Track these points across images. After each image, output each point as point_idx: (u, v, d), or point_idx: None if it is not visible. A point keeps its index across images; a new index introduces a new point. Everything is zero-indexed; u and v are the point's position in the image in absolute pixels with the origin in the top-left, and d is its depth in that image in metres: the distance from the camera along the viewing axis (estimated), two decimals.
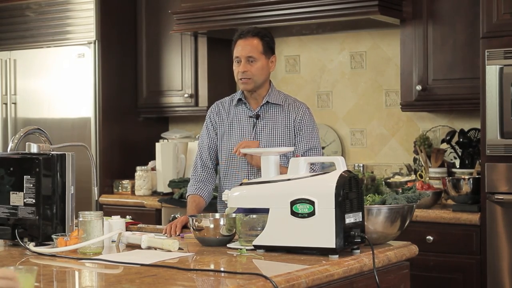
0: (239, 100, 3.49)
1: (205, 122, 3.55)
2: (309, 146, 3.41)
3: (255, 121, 3.43)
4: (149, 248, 2.76)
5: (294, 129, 3.42)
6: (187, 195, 3.49)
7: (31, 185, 2.84)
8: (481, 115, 3.90)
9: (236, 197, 2.76)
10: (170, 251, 2.68)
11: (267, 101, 3.44)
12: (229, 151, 3.43)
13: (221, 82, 5.32)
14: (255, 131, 3.42)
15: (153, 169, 5.21)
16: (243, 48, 3.42)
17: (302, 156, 3.30)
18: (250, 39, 3.42)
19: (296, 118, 3.43)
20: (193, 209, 3.35)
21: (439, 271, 4.00)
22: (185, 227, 3.17)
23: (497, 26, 3.85)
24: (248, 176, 3.35)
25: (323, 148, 4.96)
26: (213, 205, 3.63)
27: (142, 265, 2.42)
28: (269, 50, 3.44)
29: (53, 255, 2.64)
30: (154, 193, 5.18)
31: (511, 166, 3.80)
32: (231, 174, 3.43)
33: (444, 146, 4.56)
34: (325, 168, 4.09)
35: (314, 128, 3.46)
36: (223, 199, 3.39)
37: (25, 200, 2.86)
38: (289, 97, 3.53)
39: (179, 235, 3.12)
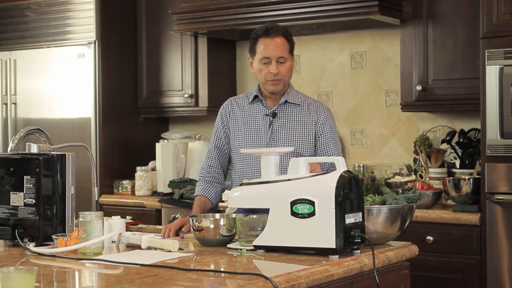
0: (256, 97, 3.40)
1: (216, 120, 3.48)
2: (335, 153, 3.33)
3: (271, 119, 3.35)
4: (149, 248, 2.76)
5: (315, 132, 3.34)
6: (194, 195, 3.47)
7: (31, 185, 2.84)
8: (481, 115, 3.90)
9: (236, 197, 2.76)
10: (170, 251, 2.68)
11: (286, 100, 3.36)
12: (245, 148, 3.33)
13: (221, 82, 5.32)
14: (272, 130, 3.34)
15: (153, 169, 5.21)
16: (275, 48, 3.29)
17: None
18: (278, 38, 3.31)
19: (318, 120, 3.35)
20: (197, 210, 3.34)
21: (439, 271, 4.00)
22: (185, 227, 3.17)
23: (497, 26, 3.85)
24: None
25: None
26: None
27: (142, 265, 2.42)
28: (292, 49, 3.38)
29: (53, 256, 2.64)
30: (154, 193, 5.18)
31: (511, 166, 3.80)
32: (247, 172, 3.33)
33: (444, 146, 4.56)
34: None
35: (336, 133, 3.39)
36: (223, 199, 3.39)
37: (25, 201, 2.85)
38: (308, 97, 3.45)
39: (178, 235, 3.12)
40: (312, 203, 2.54)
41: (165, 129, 5.66)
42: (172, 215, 4.78)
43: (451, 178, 4.17)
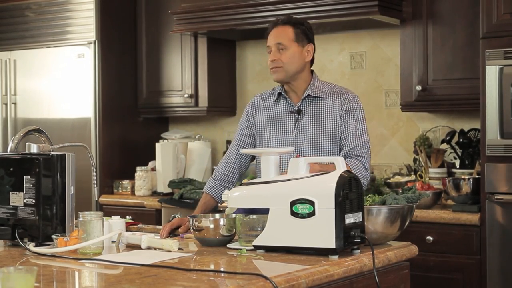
0: (279, 94, 3.32)
1: (241, 117, 3.42)
2: (356, 140, 3.22)
3: (296, 116, 3.26)
4: (149, 248, 2.76)
5: (341, 121, 3.22)
6: (202, 190, 3.45)
7: (31, 185, 2.84)
8: (481, 115, 3.90)
9: (236, 197, 2.76)
10: (170, 251, 2.68)
11: (308, 94, 3.26)
12: (270, 148, 3.25)
13: (221, 82, 5.32)
14: (297, 127, 3.25)
15: (153, 169, 5.21)
16: (275, 36, 3.23)
17: (348, 151, 3.19)
18: (281, 27, 3.24)
19: (343, 108, 3.23)
20: (198, 209, 3.32)
21: (439, 271, 4.00)
22: (181, 228, 3.16)
23: (497, 26, 3.85)
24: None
25: None
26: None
27: (142, 265, 2.42)
28: (303, 37, 3.25)
29: (53, 256, 2.64)
30: (154, 193, 5.18)
31: (511, 166, 3.80)
32: None
33: (444, 146, 4.56)
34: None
35: (360, 119, 3.25)
36: (223, 199, 3.38)
37: (25, 201, 2.85)
38: (335, 87, 3.31)
39: (177, 235, 3.11)
40: (312, 203, 2.54)
41: (165, 129, 5.66)
42: (172, 215, 4.76)
43: (451, 178, 4.17)
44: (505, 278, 3.80)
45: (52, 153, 2.91)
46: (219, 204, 3.48)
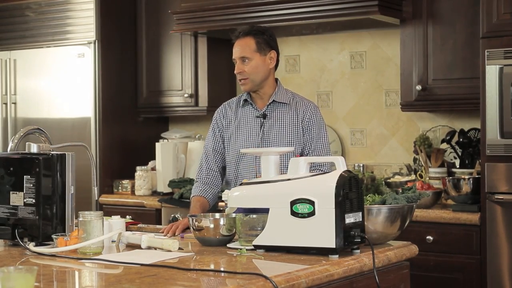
0: (245, 101, 3.45)
1: (212, 124, 3.53)
2: (318, 148, 3.36)
3: (262, 121, 3.39)
4: (149, 248, 2.76)
5: (302, 129, 3.37)
6: (191, 196, 3.46)
7: (31, 185, 2.84)
8: (481, 115, 3.90)
9: (236, 197, 2.76)
10: (170, 251, 2.68)
11: (274, 100, 3.40)
12: (238, 152, 3.38)
13: (221, 82, 5.32)
14: (263, 131, 3.37)
15: (153, 169, 5.21)
16: (238, 49, 3.40)
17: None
18: (243, 39, 3.40)
19: (305, 118, 3.38)
20: (198, 208, 3.33)
21: (439, 271, 4.00)
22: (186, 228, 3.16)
23: (497, 26, 3.85)
24: (256, 176, 3.30)
25: None
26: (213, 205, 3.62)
27: (142, 265, 2.42)
28: (265, 47, 3.38)
29: (53, 255, 2.64)
30: (154, 193, 5.18)
31: (511, 166, 3.80)
32: (240, 175, 3.37)
33: (444, 146, 4.56)
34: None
35: (322, 129, 3.41)
36: (223, 199, 3.39)
37: (25, 200, 2.86)
38: (297, 95, 3.49)
39: (178, 235, 3.11)
40: (312, 202, 2.54)
41: (165, 129, 5.66)
42: (172, 215, 4.78)
43: (451, 177, 4.17)
44: (506, 278, 3.80)
45: (52, 153, 2.91)
46: (218, 203, 3.49)
